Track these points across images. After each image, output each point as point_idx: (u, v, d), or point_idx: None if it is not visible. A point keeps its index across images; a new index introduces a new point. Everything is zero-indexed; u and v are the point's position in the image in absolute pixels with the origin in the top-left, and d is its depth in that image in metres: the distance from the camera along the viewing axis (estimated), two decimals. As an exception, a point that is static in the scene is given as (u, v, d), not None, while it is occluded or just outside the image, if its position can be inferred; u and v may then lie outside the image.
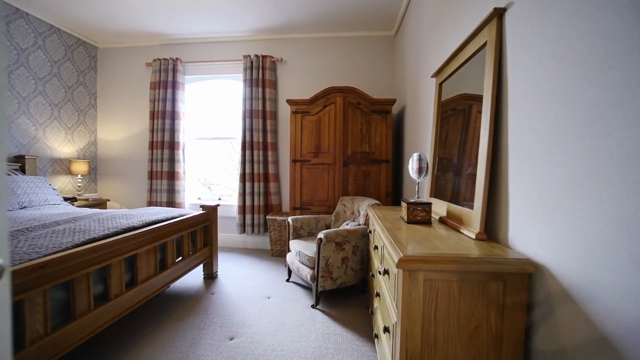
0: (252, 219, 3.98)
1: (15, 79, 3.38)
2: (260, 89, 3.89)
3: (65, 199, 3.64)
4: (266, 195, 4.02)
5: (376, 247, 1.76)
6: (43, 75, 3.66)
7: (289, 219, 2.97)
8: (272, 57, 3.95)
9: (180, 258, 2.57)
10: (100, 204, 3.95)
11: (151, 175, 4.12)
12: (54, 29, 3.78)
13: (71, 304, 1.54)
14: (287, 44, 4.02)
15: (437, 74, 2.11)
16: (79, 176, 3.94)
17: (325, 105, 3.33)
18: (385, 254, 1.45)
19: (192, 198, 4.37)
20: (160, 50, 4.22)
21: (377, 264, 1.80)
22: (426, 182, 2.25)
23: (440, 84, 2.08)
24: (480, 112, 1.59)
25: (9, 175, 2.97)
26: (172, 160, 4.10)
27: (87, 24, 3.83)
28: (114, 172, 4.42)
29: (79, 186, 3.94)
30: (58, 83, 3.83)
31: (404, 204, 1.73)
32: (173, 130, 4.07)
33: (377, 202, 2.68)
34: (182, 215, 2.66)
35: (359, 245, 2.52)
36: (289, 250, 2.95)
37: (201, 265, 3.01)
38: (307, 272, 2.47)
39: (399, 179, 3.46)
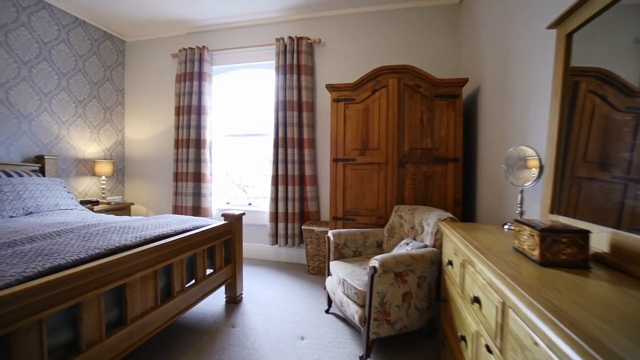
0: (286, 228, 3.41)
1: (37, 74, 3.15)
2: (294, 76, 3.32)
3: (87, 203, 3.35)
4: (302, 201, 3.43)
5: (476, 300, 1.05)
6: (67, 71, 3.42)
7: (330, 232, 2.33)
8: (309, 39, 3.36)
9: (193, 282, 2.05)
10: (124, 208, 3.63)
11: (176, 177, 3.74)
12: (79, 22, 3.54)
13: (9, 369, 1.04)
14: (326, 23, 3.41)
15: (559, 21, 1.35)
16: (103, 178, 3.67)
17: (374, 90, 2.65)
18: (522, 336, 0.74)
19: (220, 202, 3.92)
20: (187, 40, 3.83)
21: (474, 326, 1.09)
22: (538, 190, 1.49)
23: (569, 36, 1.31)
24: (591, 91, 1.19)
25: (21, 176, 2.69)
26: (198, 161, 3.67)
27: (113, 15, 3.54)
28: (140, 173, 4.12)
29: (103, 188, 3.66)
30: (83, 79, 3.58)
31: (527, 229, 1.00)
32: (199, 127, 3.64)
33: (449, 215, 1.94)
34: (197, 228, 2.14)
35: (427, 276, 1.80)
36: (329, 274, 2.31)
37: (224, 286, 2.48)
38: (354, 311, 1.81)
39: (471, 183, 2.66)
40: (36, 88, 3.14)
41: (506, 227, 1.47)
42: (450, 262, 1.48)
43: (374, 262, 1.65)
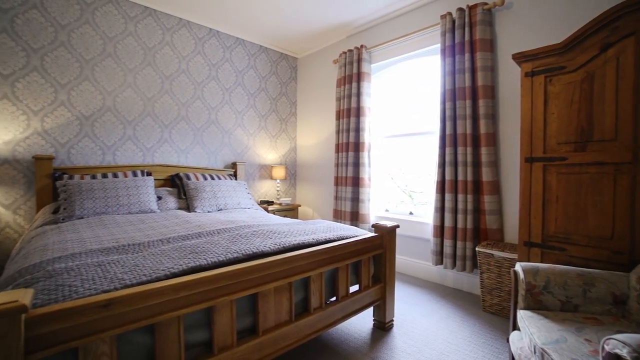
0: (454, 247, 2.74)
1: (234, 97, 3.90)
2: (466, 56, 2.63)
3: (264, 203, 3.86)
4: (477, 214, 2.67)
5: None
6: (254, 91, 4.08)
7: (518, 266, 1.58)
8: (486, 4, 2.58)
9: (334, 299, 1.83)
10: (292, 209, 3.98)
11: (337, 181, 3.75)
12: (262, 49, 4.17)
13: (156, 355, 1.09)
14: (514, -23, 2.53)
15: None
16: (278, 181, 4.15)
17: (604, 47, 1.66)
18: None
19: (380, 209, 3.65)
20: (347, 43, 3.83)
21: None
22: None
23: None
24: None
25: (219, 179, 3.33)
26: (357, 164, 3.55)
27: (288, 36, 3.96)
28: (308, 177, 4.45)
29: (277, 190, 4.15)
30: (265, 96, 4.20)
31: None
32: (358, 130, 3.52)
33: None
34: (342, 238, 1.91)
35: None
36: (514, 327, 1.56)
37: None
38: (565, 411, 1.06)
39: None
40: (233, 108, 3.90)
41: None
42: None
43: (619, 346, 0.88)
